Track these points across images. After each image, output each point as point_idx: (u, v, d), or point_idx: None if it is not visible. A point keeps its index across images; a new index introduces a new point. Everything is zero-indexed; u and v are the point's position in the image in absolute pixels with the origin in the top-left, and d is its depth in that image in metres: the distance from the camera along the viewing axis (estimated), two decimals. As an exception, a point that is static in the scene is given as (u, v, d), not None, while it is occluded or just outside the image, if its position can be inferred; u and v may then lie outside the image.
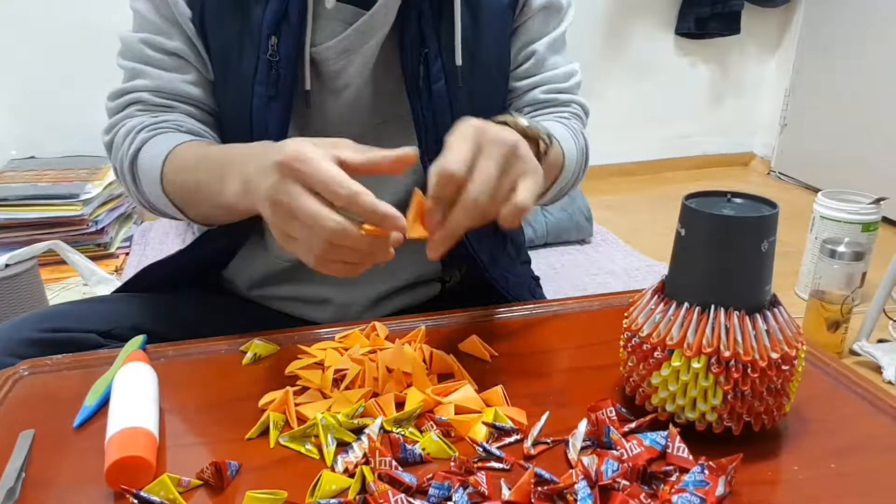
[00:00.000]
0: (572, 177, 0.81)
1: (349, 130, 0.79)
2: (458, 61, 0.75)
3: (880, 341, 1.78)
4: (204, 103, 0.77)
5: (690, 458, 0.50)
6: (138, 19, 0.76)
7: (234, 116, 0.76)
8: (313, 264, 0.55)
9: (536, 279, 0.97)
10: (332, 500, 0.46)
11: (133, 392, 0.56)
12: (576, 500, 0.46)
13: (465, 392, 0.58)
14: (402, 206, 0.82)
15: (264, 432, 0.55)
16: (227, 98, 0.76)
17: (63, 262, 1.90)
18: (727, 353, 0.49)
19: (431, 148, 0.77)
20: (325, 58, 0.73)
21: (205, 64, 0.76)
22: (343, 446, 0.52)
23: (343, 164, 0.54)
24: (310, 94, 0.74)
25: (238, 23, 0.72)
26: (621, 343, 0.57)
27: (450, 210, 0.56)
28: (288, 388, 0.58)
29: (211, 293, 0.86)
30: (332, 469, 0.50)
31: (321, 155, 0.52)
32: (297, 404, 0.57)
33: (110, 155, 0.78)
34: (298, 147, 0.53)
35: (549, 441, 0.53)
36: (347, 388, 0.59)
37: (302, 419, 0.55)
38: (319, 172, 0.52)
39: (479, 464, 0.50)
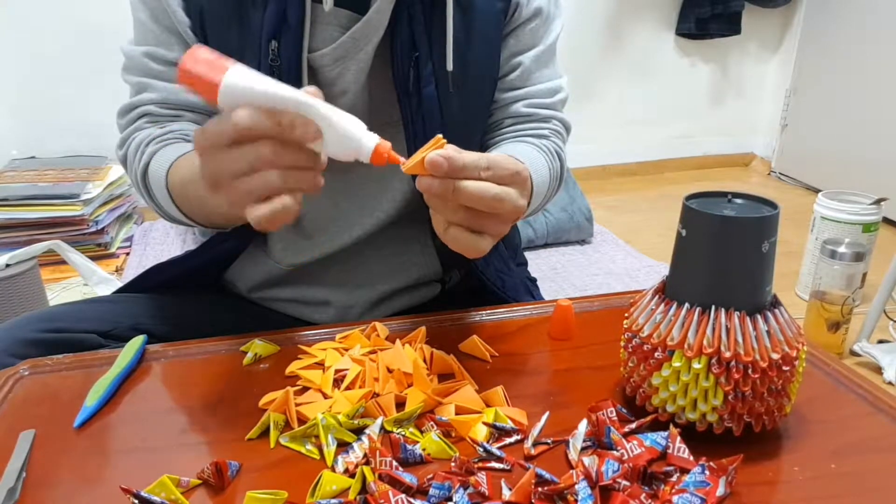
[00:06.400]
0: (542, 202, 0.81)
1: None
2: (450, 66, 0.75)
3: (881, 342, 1.78)
4: (208, 110, 0.77)
5: (691, 458, 0.50)
6: (139, 29, 0.76)
7: None
8: (266, 214, 0.51)
9: (533, 280, 0.97)
10: (333, 501, 0.46)
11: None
12: (576, 501, 0.45)
13: (466, 392, 0.58)
14: (401, 213, 0.83)
15: (265, 432, 0.55)
16: None
17: (63, 262, 1.90)
18: (728, 354, 0.49)
19: None
20: (321, 64, 0.73)
21: None
22: (343, 446, 0.53)
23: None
24: None
25: (238, 29, 0.72)
26: (622, 343, 0.57)
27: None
28: (288, 388, 0.58)
29: (211, 294, 0.86)
30: (333, 469, 0.50)
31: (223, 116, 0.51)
32: (297, 404, 0.57)
33: (126, 170, 0.78)
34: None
35: (549, 441, 0.53)
36: (348, 388, 0.59)
37: (302, 419, 0.55)
38: (211, 128, 0.51)
39: (480, 464, 0.50)
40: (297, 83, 0.73)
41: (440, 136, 0.55)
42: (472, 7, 0.76)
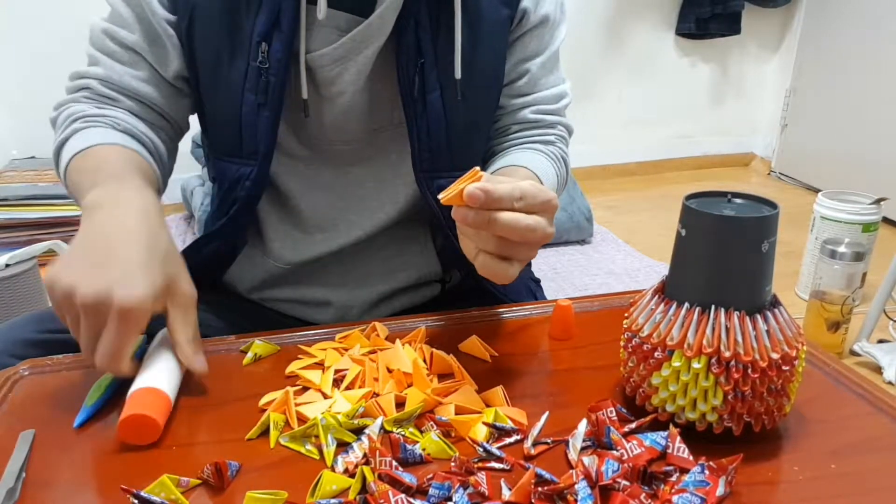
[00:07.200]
0: None
1: (343, 137, 0.79)
2: (458, 75, 0.75)
3: (880, 342, 1.78)
4: (152, 101, 0.77)
5: (691, 458, 0.50)
6: (111, 10, 0.76)
7: (224, 122, 0.75)
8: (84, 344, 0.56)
9: (537, 281, 0.97)
10: (333, 501, 0.46)
11: (161, 355, 0.60)
12: (576, 501, 0.45)
13: (466, 392, 0.58)
14: (402, 213, 0.83)
15: (265, 432, 0.55)
16: (217, 104, 0.76)
17: (63, 262, 1.90)
18: (727, 354, 0.49)
19: (424, 157, 0.77)
20: (319, 65, 0.73)
21: (165, 64, 0.75)
22: (343, 446, 0.53)
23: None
24: (307, 103, 0.74)
25: (228, 30, 0.72)
26: (622, 343, 0.57)
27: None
28: (288, 388, 0.58)
29: (211, 294, 0.86)
30: (333, 469, 0.50)
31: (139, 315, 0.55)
32: (297, 404, 0.57)
33: (54, 131, 0.78)
34: (135, 296, 0.55)
35: (549, 441, 0.53)
36: (347, 388, 0.59)
37: (302, 419, 0.55)
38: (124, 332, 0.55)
39: (480, 464, 0.50)
40: (285, 85, 0.73)
41: (477, 168, 0.56)
42: (478, 15, 0.76)
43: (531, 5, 0.79)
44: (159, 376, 0.57)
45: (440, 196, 0.56)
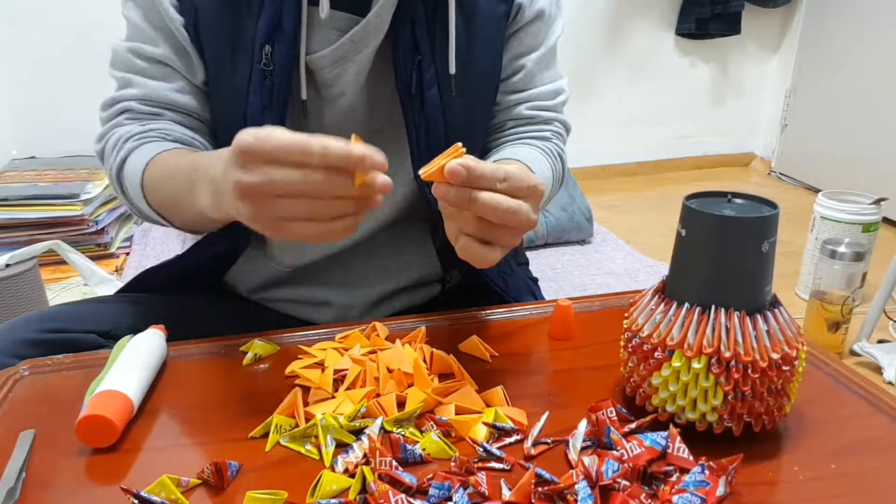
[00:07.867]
0: (543, 203, 0.81)
1: (344, 138, 0.78)
2: (452, 70, 0.75)
3: (880, 342, 1.78)
4: (191, 110, 0.77)
5: (691, 458, 0.50)
6: (130, 27, 0.76)
7: (228, 125, 0.75)
8: (316, 233, 0.52)
9: (535, 280, 0.97)
10: (333, 501, 0.46)
11: (132, 358, 0.60)
12: (576, 501, 0.45)
13: (466, 392, 0.58)
14: (401, 214, 0.83)
15: (266, 434, 0.54)
16: (222, 107, 0.76)
17: (63, 262, 1.90)
18: (728, 354, 0.49)
19: (423, 156, 0.77)
20: (319, 66, 0.73)
21: (193, 71, 0.75)
22: (342, 447, 0.53)
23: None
24: (306, 104, 0.74)
25: (231, 33, 0.71)
26: (622, 343, 0.57)
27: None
28: (297, 388, 0.58)
29: (211, 294, 0.86)
30: (333, 469, 0.50)
31: (274, 129, 0.51)
32: (306, 405, 0.56)
33: (103, 163, 0.78)
34: (250, 131, 0.51)
35: (549, 441, 0.53)
36: (349, 388, 0.59)
37: (311, 420, 0.55)
38: (281, 142, 0.50)
39: (480, 464, 0.50)
40: (289, 87, 0.72)
41: (459, 144, 0.55)
42: (474, 10, 0.76)
43: (526, 0, 0.79)
44: (124, 378, 0.56)
45: (420, 171, 0.54)
